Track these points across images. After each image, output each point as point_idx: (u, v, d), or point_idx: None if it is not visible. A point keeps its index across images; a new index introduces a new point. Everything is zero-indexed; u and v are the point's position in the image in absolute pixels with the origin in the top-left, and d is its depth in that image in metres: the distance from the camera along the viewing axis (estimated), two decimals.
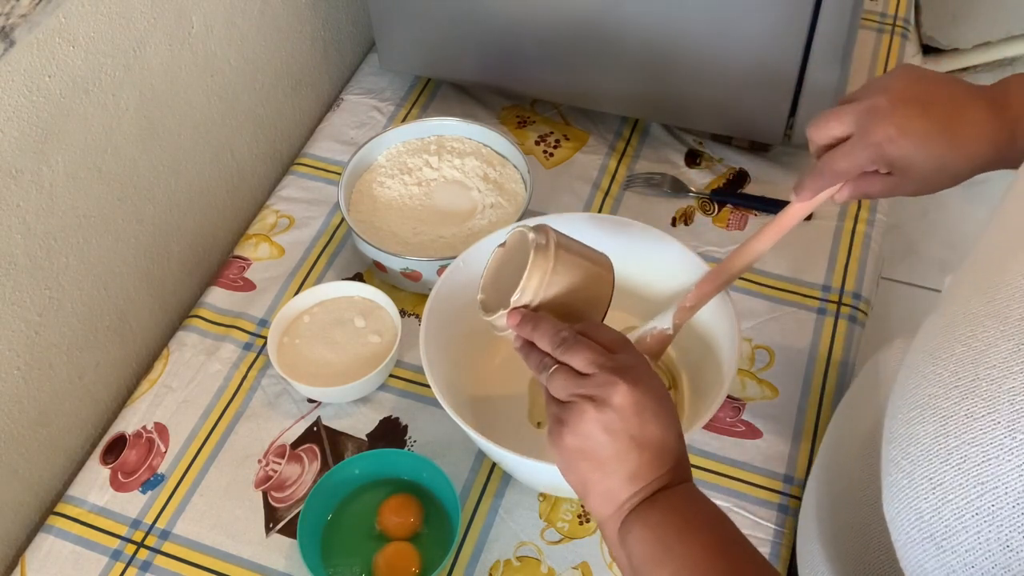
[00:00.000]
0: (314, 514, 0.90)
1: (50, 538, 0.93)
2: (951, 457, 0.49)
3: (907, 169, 0.73)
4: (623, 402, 0.63)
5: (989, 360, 0.48)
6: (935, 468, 0.50)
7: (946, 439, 0.49)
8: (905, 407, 0.53)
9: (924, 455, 0.51)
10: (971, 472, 0.48)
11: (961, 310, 0.52)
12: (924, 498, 0.50)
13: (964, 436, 0.48)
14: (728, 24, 1.03)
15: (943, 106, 0.73)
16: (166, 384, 1.03)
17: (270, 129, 1.22)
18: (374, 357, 1.01)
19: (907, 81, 0.74)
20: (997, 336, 0.48)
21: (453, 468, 0.94)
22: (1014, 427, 0.46)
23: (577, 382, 0.65)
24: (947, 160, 0.73)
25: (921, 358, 0.54)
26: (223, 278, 1.12)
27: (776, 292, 1.08)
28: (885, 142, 0.72)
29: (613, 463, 0.63)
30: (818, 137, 0.77)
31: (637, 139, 1.24)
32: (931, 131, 0.72)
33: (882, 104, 0.73)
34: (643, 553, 0.62)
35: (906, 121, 0.72)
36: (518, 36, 1.14)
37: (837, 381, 1.01)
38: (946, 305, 0.55)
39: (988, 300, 0.50)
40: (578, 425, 0.63)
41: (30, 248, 0.88)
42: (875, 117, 0.73)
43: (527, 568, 0.90)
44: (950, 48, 1.93)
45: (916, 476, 0.51)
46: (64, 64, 0.87)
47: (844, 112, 0.75)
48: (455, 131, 1.16)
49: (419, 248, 1.07)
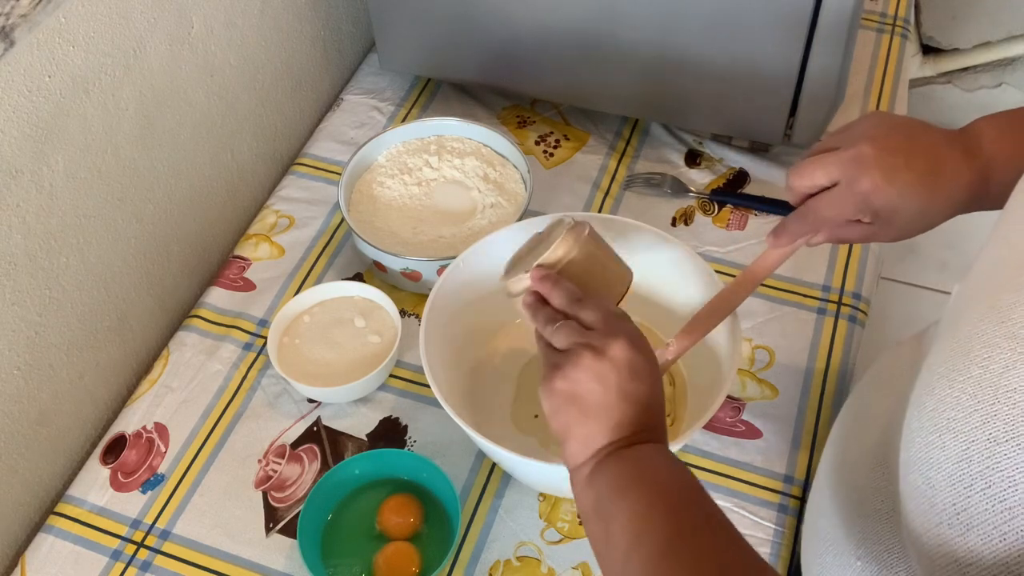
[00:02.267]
0: (314, 514, 0.90)
1: (50, 538, 0.93)
2: (975, 483, 0.49)
3: (891, 217, 0.75)
4: (619, 356, 0.66)
5: (1008, 383, 0.48)
6: (959, 494, 0.49)
7: (969, 464, 0.49)
8: (923, 431, 0.53)
9: (947, 481, 0.50)
10: (997, 498, 0.48)
11: (975, 331, 0.52)
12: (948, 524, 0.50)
13: (988, 461, 0.48)
14: (728, 24, 1.03)
15: (924, 156, 0.74)
16: (166, 384, 1.03)
17: (270, 129, 1.22)
18: (374, 357, 1.01)
19: (886, 129, 0.75)
20: (1014, 358, 0.48)
21: (453, 468, 0.94)
22: None
23: (581, 332, 0.68)
24: (929, 208, 0.74)
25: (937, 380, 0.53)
26: (223, 278, 1.12)
27: (776, 292, 1.08)
28: (872, 192, 0.73)
29: (599, 410, 0.66)
30: (801, 185, 0.77)
31: (637, 139, 1.24)
32: (915, 181, 0.73)
33: (867, 153, 0.73)
34: (607, 494, 0.64)
35: (892, 171, 0.73)
36: (518, 36, 1.14)
37: (837, 381, 1.01)
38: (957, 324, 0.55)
39: (1002, 320, 0.50)
40: (573, 371, 0.66)
41: (30, 248, 0.88)
42: (861, 167, 0.73)
43: (527, 568, 0.90)
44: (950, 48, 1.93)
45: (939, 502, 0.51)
46: (64, 64, 0.87)
47: (828, 161, 0.75)
48: (455, 131, 1.16)
49: (419, 248, 1.07)
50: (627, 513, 0.62)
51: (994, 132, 0.74)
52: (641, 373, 0.66)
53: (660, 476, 0.64)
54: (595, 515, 0.65)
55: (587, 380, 0.66)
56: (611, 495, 0.64)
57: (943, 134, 0.75)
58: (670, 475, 0.65)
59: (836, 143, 0.76)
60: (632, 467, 0.64)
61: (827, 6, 0.99)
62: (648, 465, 0.65)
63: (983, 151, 0.74)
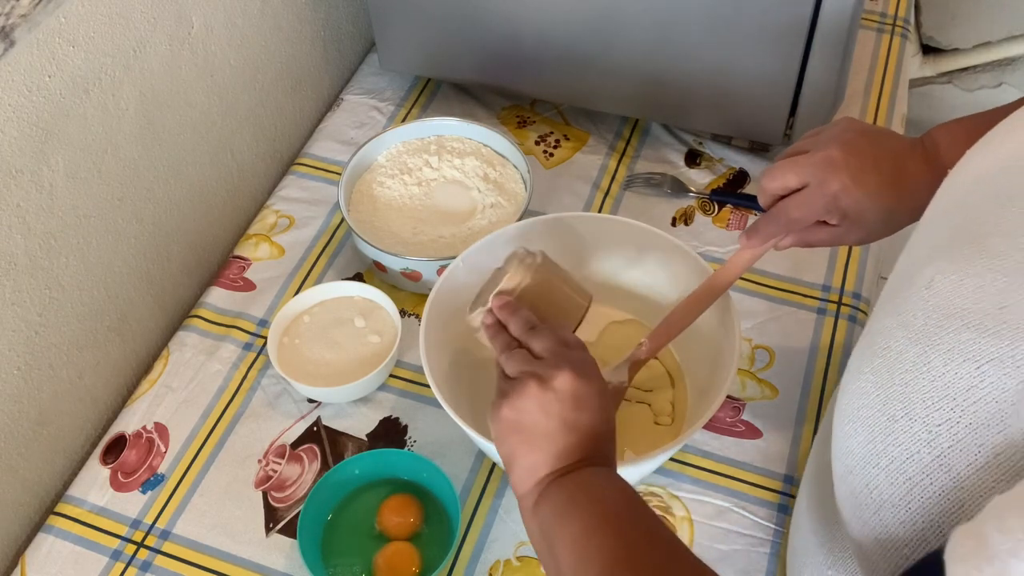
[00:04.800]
0: (314, 514, 0.90)
1: (50, 538, 0.93)
2: (880, 461, 0.52)
3: (858, 219, 0.78)
4: (564, 387, 0.67)
5: (901, 365, 0.52)
6: (869, 474, 0.53)
7: (873, 445, 0.53)
8: (839, 422, 0.57)
9: (859, 464, 0.54)
10: (898, 471, 0.51)
11: (878, 327, 0.56)
12: (864, 506, 0.54)
13: (888, 439, 0.52)
14: (728, 24, 1.03)
15: (889, 160, 0.78)
16: (166, 384, 1.03)
17: (270, 129, 1.22)
18: (374, 357, 1.01)
19: (854, 135, 0.79)
20: (906, 344, 0.52)
21: (453, 468, 0.94)
22: (928, 421, 0.50)
23: (529, 361, 0.70)
24: (894, 210, 0.78)
25: (849, 376, 0.58)
26: (223, 278, 1.12)
27: (776, 292, 1.08)
28: (841, 193, 0.77)
29: (542, 440, 0.67)
30: (772, 187, 0.80)
31: (637, 139, 1.24)
32: (881, 184, 0.77)
33: (836, 156, 0.77)
34: (550, 521, 0.65)
35: (860, 174, 0.77)
36: (518, 36, 1.14)
37: (837, 381, 1.01)
38: (868, 325, 0.60)
39: (897, 312, 0.54)
40: (518, 400, 0.68)
41: (30, 248, 0.88)
42: (830, 169, 0.77)
43: (527, 568, 0.90)
44: (950, 48, 1.93)
45: (855, 485, 0.55)
46: (64, 64, 0.87)
47: (799, 164, 0.78)
48: (455, 131, 1.16)
49: (419, 248, 1.07)
50: (569, 537, 0.63)
51: (948, 140, 0.78)
52: (585, 403, 0.68)
53: (601, 496, 0.65)
54: (542, 542, 0.66)
55: (531, 410, 0.67)
56: (554, 521, 0.65)
57: (907, 141, 0.80)
58: (611, 495, 0.66)
59: (806, 147, 0.80)
60: (572, 491, 0.65)
61: (827, 6, 0.99)
62: (588, 488, 0.66)
63: (941, 158, 0.78)
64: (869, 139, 0.79)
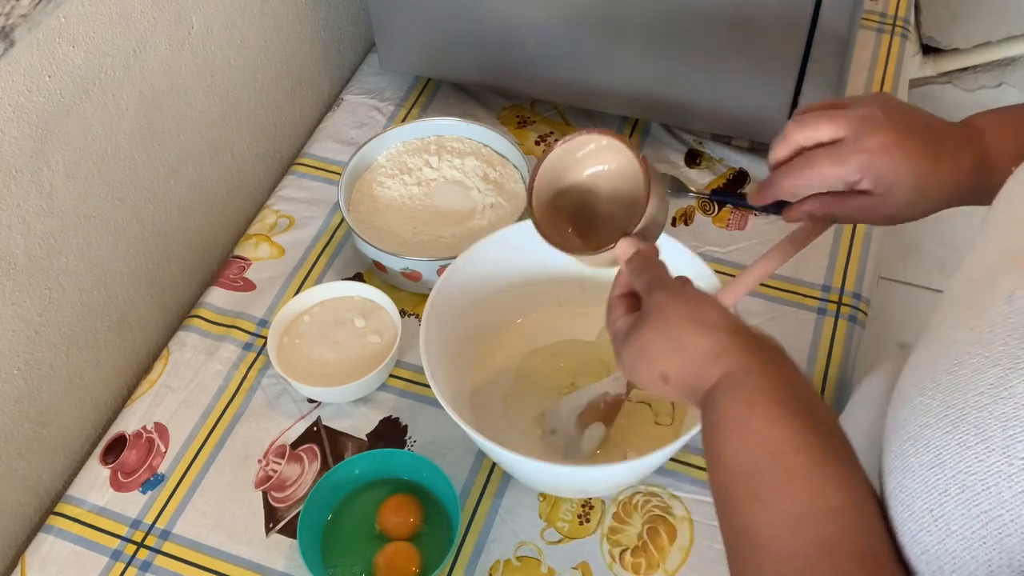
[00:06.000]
0: (314, 514, 0.90)
1: (50, 538, 0.93)
2: (949, 488, 0.48)
3: (890, 188, 0.71)
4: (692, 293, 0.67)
5: (976, 387, 0.48)
6: (934, 500, 0.49)
7: (941, 469, 0.49)
8: (896, 439, 0.53)
9: (922, 487, 0.50)
10: (972, 502, 0.47)
11: (946, 338, 0.52)
12: (927, 531, 0.50)
13: (959, 466, 0.48)
14: (728, 24, 1.03)
15: (928, 132, 0.72)
16: (166, 384, 1.03)
17: (270, 129, 1.22)
18: (374, 357, 1.01)
19: (893, 104, 0.73)
20: (982, 363, 0.48)
21: (453, 468, 0.94)
22: (1009, 453, 0.46)
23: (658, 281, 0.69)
24: (929, 185, 0.71)
25: (909, 389, 0.53)
26: (223, 278, 1.12)
27: (776, 292, 1.08)
28: (880, 151, 0.70)
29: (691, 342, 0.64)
30: (799, 136, 0.72)
31: (637, 139, 1.24)
32: (920, 154, 0.71)
33: (878, 115, 0.71)
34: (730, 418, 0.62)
35: (901, 135, 0.70)
36: (518, 36, 1.14)
37: (837, 381, 1.01)
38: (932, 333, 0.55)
39: (971, 327, 0.50)
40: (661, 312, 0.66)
41: (30, 248, 0.88)
42: (871, 124, 0.70)
43: (527, 568, 0.90)
44: (950, 48, 1.93)
45: (916, 509, 0.51)
46: (64, 64, 0.87)
47: (834, 115, 0.71)
48: (455, 131, 1.16)
49: (419, 248, 1.07)
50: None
51: (994, 125, 0.73)
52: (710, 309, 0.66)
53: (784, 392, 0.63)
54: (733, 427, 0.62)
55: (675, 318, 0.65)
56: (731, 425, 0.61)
57: (944, 121, 0.74)
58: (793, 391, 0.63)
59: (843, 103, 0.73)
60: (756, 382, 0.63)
61: (827, 6, 0.99)
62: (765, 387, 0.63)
63: (983, 142, 0.72)
64: (908, 108, 0.73)
